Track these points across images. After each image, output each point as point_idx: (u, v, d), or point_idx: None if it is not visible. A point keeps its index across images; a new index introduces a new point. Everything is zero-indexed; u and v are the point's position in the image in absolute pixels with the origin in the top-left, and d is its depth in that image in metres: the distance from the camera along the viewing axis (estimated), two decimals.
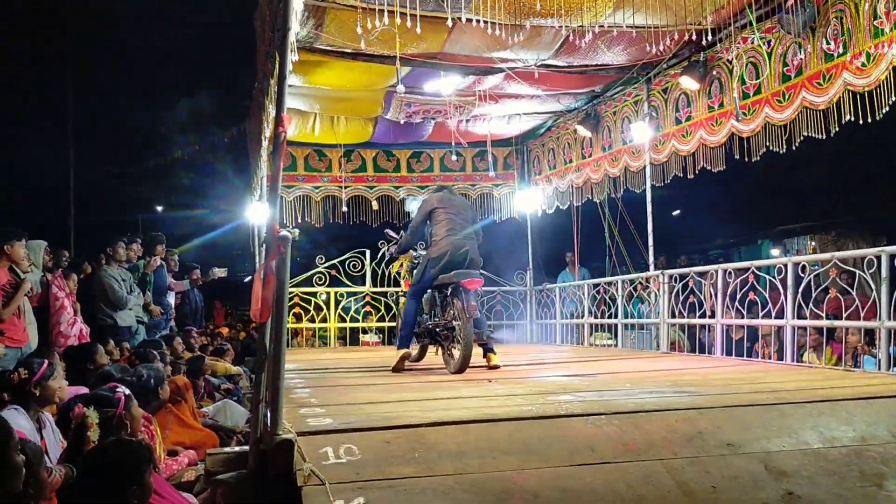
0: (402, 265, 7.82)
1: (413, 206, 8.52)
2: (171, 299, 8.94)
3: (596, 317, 9.89)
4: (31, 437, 3.42)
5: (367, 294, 11.07)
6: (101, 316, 7.17)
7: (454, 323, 6.11)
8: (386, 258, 10.72)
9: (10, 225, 6.37)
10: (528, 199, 11.49)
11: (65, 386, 4.20)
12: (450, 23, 6.33)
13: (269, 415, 3.55)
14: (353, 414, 4.17)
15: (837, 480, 3.47)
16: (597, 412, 4.01)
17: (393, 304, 10.62)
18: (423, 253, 6.75)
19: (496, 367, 6.41)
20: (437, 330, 6.39)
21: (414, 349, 6.87)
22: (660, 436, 3.76)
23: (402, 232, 7.27)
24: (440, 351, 6.52)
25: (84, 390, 4.21)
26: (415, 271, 6.79)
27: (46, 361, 4.14)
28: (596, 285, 9.98)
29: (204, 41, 15.22)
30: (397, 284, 11.02)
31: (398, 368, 6.36)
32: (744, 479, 3.42)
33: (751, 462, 3.55)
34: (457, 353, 6.09)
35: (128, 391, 3.62)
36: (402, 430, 3.70)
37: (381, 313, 11.17)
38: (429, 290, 6.59)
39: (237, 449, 3.97)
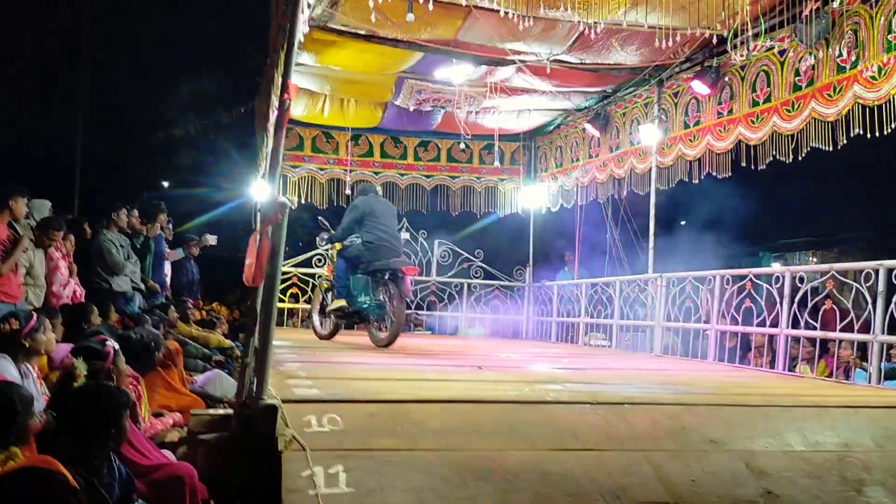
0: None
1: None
2: (167, 269, 8.96)
3: (592, 316, 9.89)
4: None
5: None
6: (97, 280, 7.18)
7: (387, 303, 6.83)
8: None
9: (15, 183, 6.40)
10: (533, 196, 11.48)
11: (53, 339, 4.22)
12: (464, 1, 6.30)
13: (255, 380, 3.57)
14: (339, 387, 4.18)
15: (818, 483, 3.47)
16: (583, 401, 4.02)
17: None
18: (357, 241, 7.11)
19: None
20: (369, 308, 6.97)
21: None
22: (644, 428, 3.77)
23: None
24: (368, 327, 7.22)
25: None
26: (348, 250, 7.18)
27: (36, 315, 4.16)
28: (594, 285, 9.98)
29: (216, 19, 15.24)
30: None
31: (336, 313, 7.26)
32: (724, 475, 3.43)
33: (732, 459, 3.56)
34: (387, 329, 6.87)
35: (116, 345, 3.63)
36: (386, 405, 3.71)
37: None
38: (361, 275, 7.04)
39: (221, 412, 3.98)
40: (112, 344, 3.63)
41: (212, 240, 9.95)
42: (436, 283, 11.29)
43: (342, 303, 7.12)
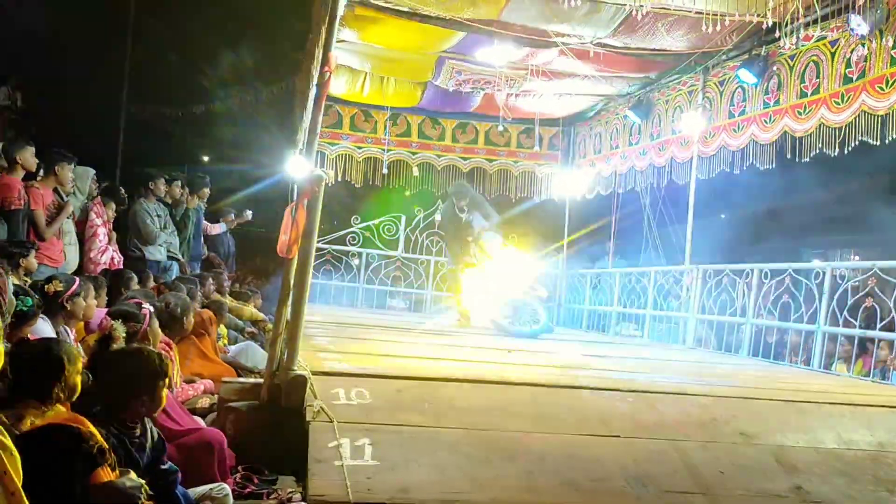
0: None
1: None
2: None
3: (625, 306, 9.80)
4: None
5: (399, 259, 11.10)
6: (131, 248, 7.29)
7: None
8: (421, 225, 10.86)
9: (62, 149, 6.49)
10: (571, 182, 11.37)
11: (94, 306, 4.30)
12: None
13: (286, 350, 3.60)
14: (368, 362, 4.21)
15: (849, 481, 3.41)
16: (612, 388, 4.00)
17: None
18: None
19: None
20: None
21: None
22: (673, 417, 3.74)
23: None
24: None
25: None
26: None
27: (78, 279, 4.23)
28: (627, 274, 9.88)
29: None
30: (429, 253, 11.08)
31: None
32: (753, 468, 3.38)
33: (762, 453, 3.51)
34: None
35: (152, 308, 3.69)
36: (414, 381, 3.73)
37: (409, 279, 11.19)
38: None
39: (252, 380, 4.03)
40: (147, 307, 3.69)
41: (248, 215, 10.04)
42: None
43: None
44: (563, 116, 11.22)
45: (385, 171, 11.10)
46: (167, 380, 2.80)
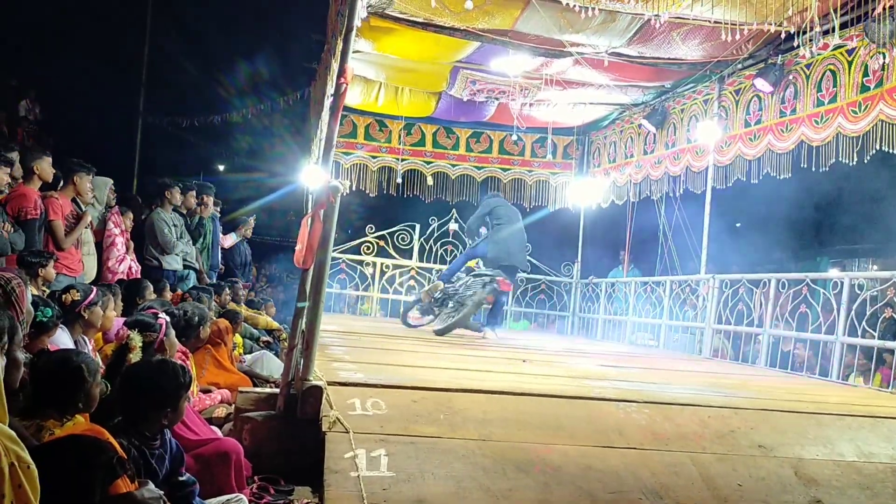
0: None
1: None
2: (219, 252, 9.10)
3: (640, 315, 9.76)
4: None
5: (413, 268, 11.11)
6: (148, 257, 7.32)
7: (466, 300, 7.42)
8: (435, 234, 10.88)
9: (81, 160, 6.55)
10: (585, 191, 11.35)
11: (112, 316, 4.33)
12: None
13: (302, 360, 3.61)
14: (384, 373, 4.21)
15: (869, 495, 3.37)
16: (629, 399, 3.97)
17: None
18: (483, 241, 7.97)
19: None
20: (449, 296, 7.80)
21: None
22: (690, 429, 3.71)
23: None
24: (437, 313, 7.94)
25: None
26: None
27: (95, 289, 4.26)
28: (643, 283, 9.84)
29: (276, 3, 15.44)
30: (443, 262, 11.08)
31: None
32: (772, 481, 3.35)
33: (781, 466, 3.48)
34: (449, 321, 7.44)
35: (168, 318, 3.71)
36: (430, 392, 3.72)
37: (423, 288, 11.17)
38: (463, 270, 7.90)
39: (268, 390, 4.04)
40: (163, 317, 3.71)
41: (250, 223, 10.02)
42: None
43: None
44: (578, 125, 11.23)
45: (399, 180, 11.15)
46: (188, 392, 2.81)
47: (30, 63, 12.97)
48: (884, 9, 6.13)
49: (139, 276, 6.74)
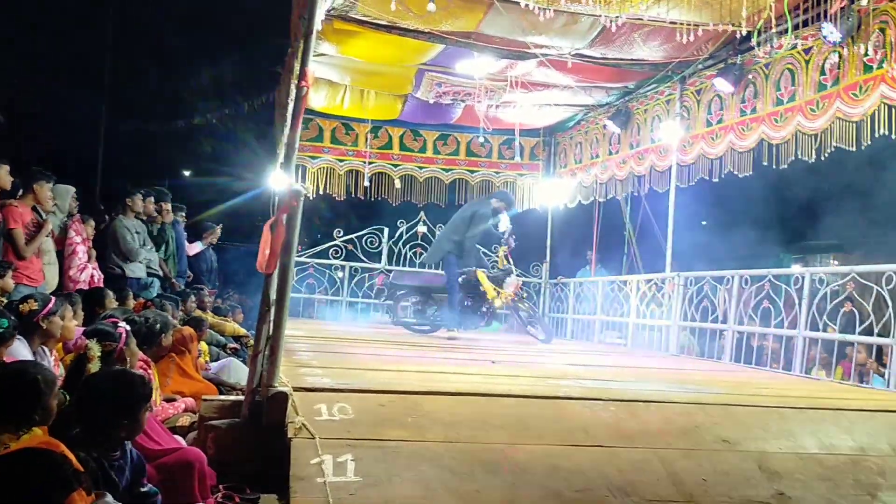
0: None
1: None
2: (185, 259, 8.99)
3: (608, 314, 9.83)
4: None
5: (382, 271, 11.07)
6: (111, 265, 7.22)
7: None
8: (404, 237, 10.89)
9: (41, 167, 6.45)
10: (552, 192, 11.42)
11: (72, 326, 4.25)
12: None
13: (267, 366, 3.58)
14: (351, 377, 4.19)
15: (831, 486, 3.43)
16: (594, 397, 3.99)
17: None
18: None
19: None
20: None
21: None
22: (655, 426, 3.74)
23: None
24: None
25: None
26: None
27: (54, 298, 4.18)
28: (610, 283, 9.92)
29: (238, 7, 15.30)
30: (413, 265, 11.06)
31: None
32: (736, 475, 3.40)
33: (745, 460, 3.52)
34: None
35: (128, 327, 3.65)
36: (397, 396, 3.71)
37: None
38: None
39: (232, 398, 4.00)
40: (124, 326, 3.65)
41: (217, 230, 9.93)
42: None
43: None
44: (544, 127, 11.30)
45: (367, 183, 11.11)
46: (149, 403, 2.77)
47: None
48: (838, 9, 6.26)
49: (102, 284, 6.64)
